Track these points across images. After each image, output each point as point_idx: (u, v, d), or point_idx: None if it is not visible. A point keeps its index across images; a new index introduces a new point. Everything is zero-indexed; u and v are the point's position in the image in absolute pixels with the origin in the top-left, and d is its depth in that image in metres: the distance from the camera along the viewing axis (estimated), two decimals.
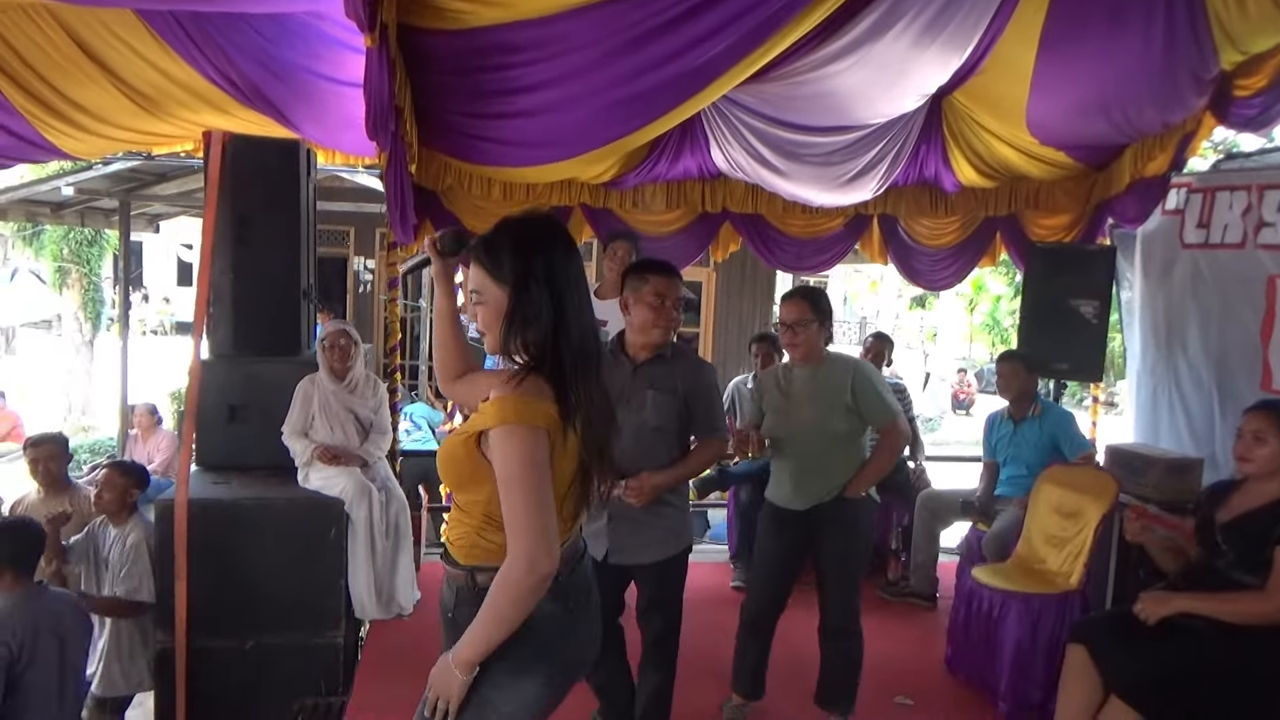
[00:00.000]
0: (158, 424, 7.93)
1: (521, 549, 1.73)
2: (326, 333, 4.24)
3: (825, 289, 3.70)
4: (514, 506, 1.74)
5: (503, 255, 1.83)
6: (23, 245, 12.50)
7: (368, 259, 11.77)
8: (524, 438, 1.74)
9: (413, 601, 4.31)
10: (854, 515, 3.28)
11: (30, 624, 3.03)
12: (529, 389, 1.78)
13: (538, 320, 1.81)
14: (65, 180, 8.34)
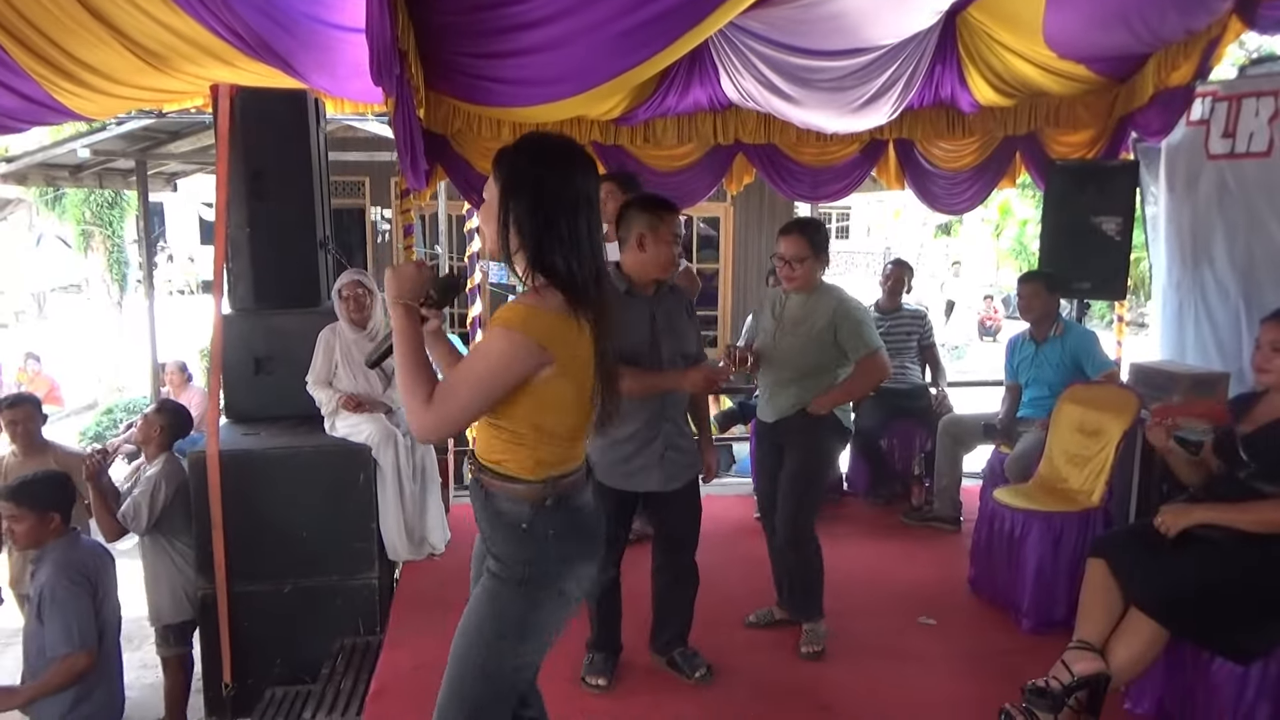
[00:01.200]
0: (188, 381, 8.06)
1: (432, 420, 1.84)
2: (341, 283, 4.26)
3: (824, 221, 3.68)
4: (456, 390, 1.85)
5: (504, 160, 1.92)
6: (46, 210, 12.61)
7: (384, 208, 11.76)
8: (510, 342, 1.83)
9: (444, 542, 4.41)
10: (814, 433, 3.36)
11: (91, 560, 3.21)
12: (541, 301, 1.87)
13: (521, 228, 1.88)
14: (81, 142, 8.37)
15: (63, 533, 3.21)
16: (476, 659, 1.99)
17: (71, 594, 3.11)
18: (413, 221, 5.78)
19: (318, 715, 3.28)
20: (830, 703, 3.07)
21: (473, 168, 5.51)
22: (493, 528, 2.00)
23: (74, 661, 3.09)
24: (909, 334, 5.29)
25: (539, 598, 1.97)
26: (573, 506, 2.01)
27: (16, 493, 3.19)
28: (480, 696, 2.00)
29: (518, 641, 1.98)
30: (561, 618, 2.02)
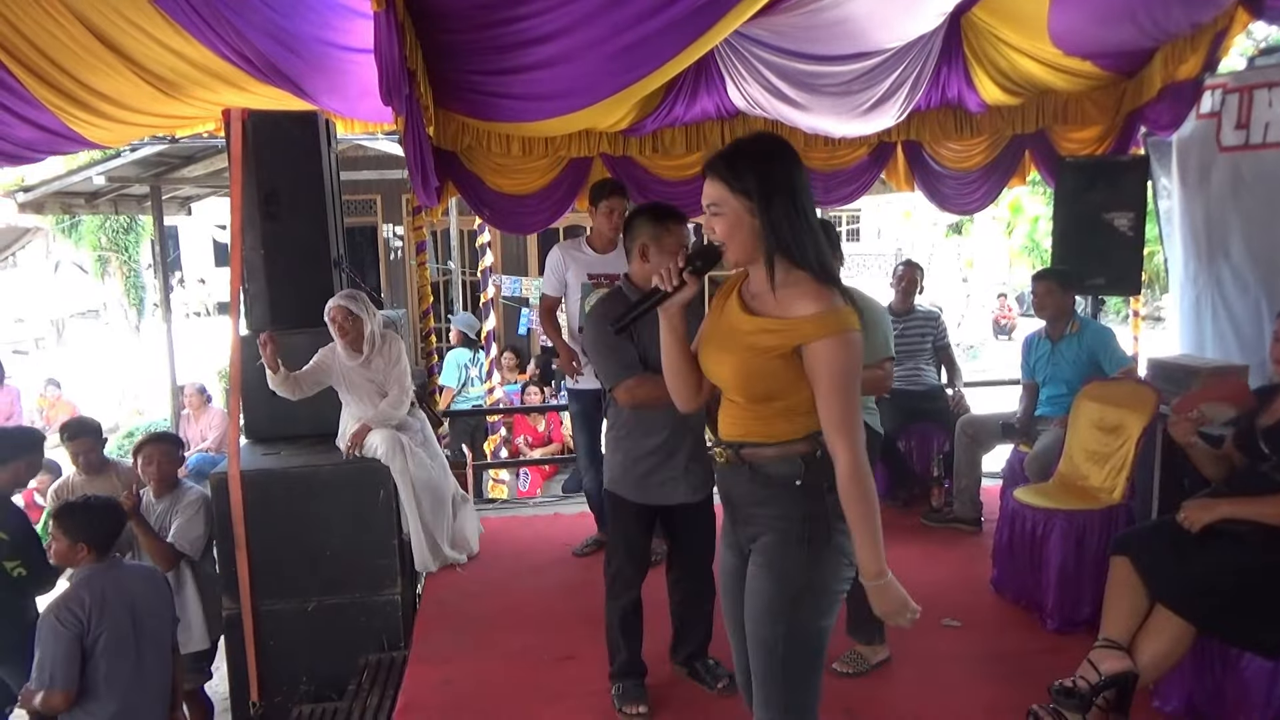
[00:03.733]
0: (208, 402, 8.14)
1: (851, 449, 1.91)
2: (329, 306, 4.18)
3: (835, 222, 3.65)
4: (839, 411, 1.92)
5: (742, 166, 1.95)
6: (62, 237, 12.77)
7: (396, 225, 11.83)
8: (850, 344, 1.92)
9: (465, 554, 4.42)
10: None
11: (99, 597, 3.16)
12: (836, 299, 1.93)
13: (790, 225, 1.94)
14: (96, 170, 8.47)
15: (91, 562, 3.21)
16: (777, 632, 2.02)
17: (54, 634, 3.08)
18: (425, 238, 5.83)
19: None
20: (855, 708, 3.06)
21: (483, 183, 5.55)
22: (766, 498, 2.05)
23: (47, 696, 3.08)
24: (923, 335, 5.28)
25: (822, 554, 2.01)
26: (830, 462, 2.00)
27: (58, 515, 3.23)
28: (798, 666, 2.04)
29: (811, 603, 2.02)
30: (846, 576, 2.05)
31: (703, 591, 3.18)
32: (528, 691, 3.22)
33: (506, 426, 7.70)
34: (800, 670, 2.06)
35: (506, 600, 3.96)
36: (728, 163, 1.97)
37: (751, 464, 2.07)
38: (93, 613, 3.12)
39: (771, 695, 2.06)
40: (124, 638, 3.18)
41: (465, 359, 7.99)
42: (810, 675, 2.08)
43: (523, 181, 5.68)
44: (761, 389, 2.02)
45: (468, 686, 3.25)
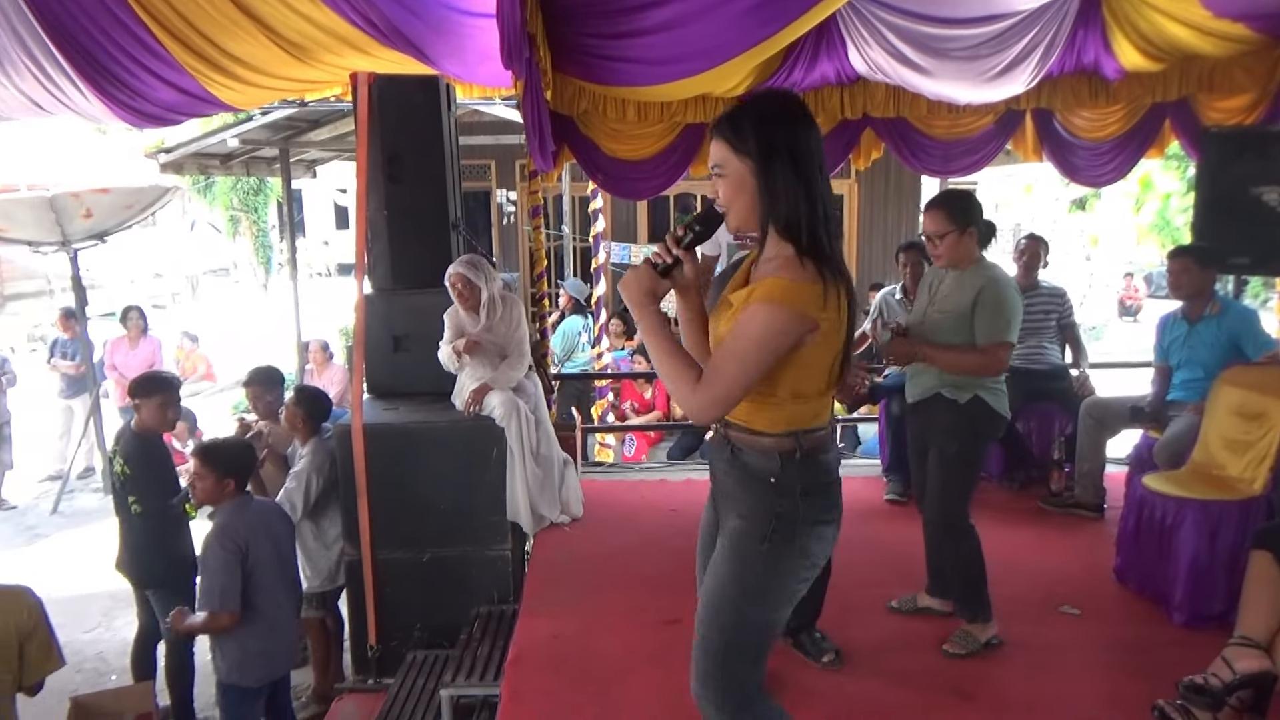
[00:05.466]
0: (330, 359, 8.48)
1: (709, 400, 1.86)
2: (448, 273, 4.29)
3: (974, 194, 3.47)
4: (723, 369, 1.85)
5: (746, 127, 1.86)
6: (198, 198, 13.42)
7: (509, 191, 12.01)
8: (775, 318, 1.82)
9: (570, 515, 4.50)
10: (956, 417, 3.19)
11: (248, 527, 3.41)
12: (799, 273, 1.84)
13: (786, 193, 1.85)
14: (230, 132, 8.86)
15: (235, 497, 3.44)
16: (723, 618, 2.01)
17: (221, 559, 3.33)
18: (540, 203, 5.88)
19: (457, 679, 3.40)
20: (972, 692, 2.98)
21: (598, 148, 5.56)
22: (739, 485, 2.01)
23: (216, 619, 3.33)
24: (1047, 313, 5.07)
25: (783, 553, 1.97)
26: (819, 462, 1.98)
27: (204, 453, 3.44)
28: (731, 654, 2.02)
29: (762, 597, 1.99)
30: (804, 577, 2.02)
31: None
32: (634, 652, 3.26)
33: (614, 392, 7.78)
34: (741, 656, 2.03)
35: (613, 562, 4.02)
36: (732, 122, 1.89)
37: (734, 447, 2.02)
38: (249, 541, 3.36)
39: (710, 672, 2.04)
40: (270, 564, 3.45)
41: (578, 327, 8.09)
42: (750, 664, 2.05)
43: (637, 147, 5.67)
44: None
45: (576, 643, 3.32)
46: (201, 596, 3.37)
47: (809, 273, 1.84)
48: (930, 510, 3.29)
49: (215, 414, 9.82)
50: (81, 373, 8.17)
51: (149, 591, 4.17)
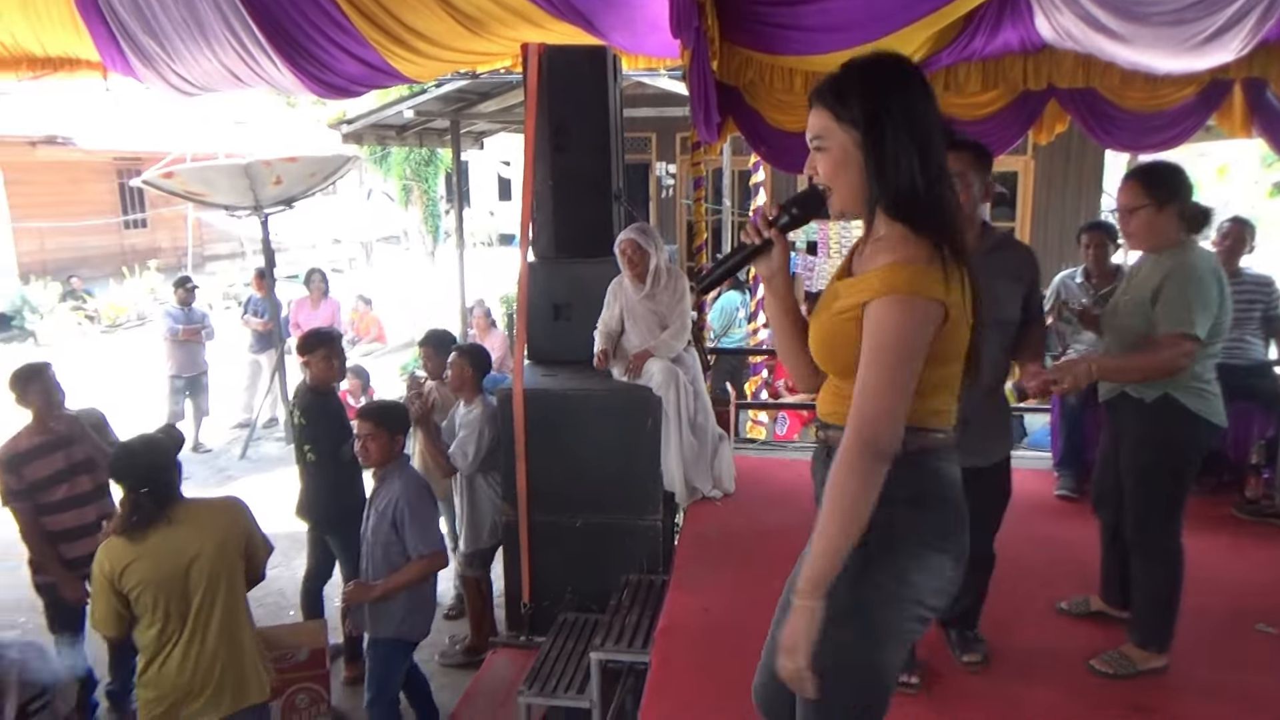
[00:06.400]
0: (491, 325, 8.77)
1: (867, 423, 1.59)
2: (619, 239, 4.35)
3: (1181, 168, 3.12)
4: (870, 379, 1.60)
5: (852, 92, 1.65)
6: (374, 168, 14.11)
7: (669, 164, 12.03)
8: (908, 309, 1.59)
9: (723, 490, 4.48)
10: (1149, 420, 2.86)
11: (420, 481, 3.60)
12: (914, 253, 1.62)
13: (897, 166, 1.62)
14: (406, 104, 9.24)
15: (400, 454, 3.62)
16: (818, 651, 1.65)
17: (424, 503, 3.53)
18: (701, 175, 5.85)
19: (606, 643, 3.46)
20: (1153, 706, 2.77)
21: (763, 119, 5.46)
22: None
23: (433, 560, 3.50)
24: (1251, 303, 4.63)
25: (874, 574, 1.68)
26: (932, 470, 1.71)
27: (377, 413, 3.63)
28: (838, 697, 1.71)
29: (860, 624, 1.68)
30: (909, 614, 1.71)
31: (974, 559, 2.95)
32: None
33: (769, 369, 7.70)
34: (842, 704, 1.71)
35: (765, 539, 3.97)
36: (835, 87, 1.67)
37: (830, 448, 1.75)
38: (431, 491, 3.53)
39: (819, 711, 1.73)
40: None
41: (736, 302, 8.04)
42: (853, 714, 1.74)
43: (803, 118, 5.48)
44: (838, 360, 1.71)
45: (725, 617, 3.30)
46: (416, 544, 3.50)
47: (925, 252, 1.62)
48: (1132, 526, 2.98)
49: (385, 374, 10.35)
50: (269, 329, 8.78)
51: (327, 535, 4.45)
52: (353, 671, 4.57)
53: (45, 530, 3.95)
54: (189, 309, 8.54)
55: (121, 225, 19.31)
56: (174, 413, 8.36)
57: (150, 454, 2.97)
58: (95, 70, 5.92)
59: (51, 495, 3.93)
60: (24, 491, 3.88)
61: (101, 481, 4.06)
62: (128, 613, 2.93)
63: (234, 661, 3.04)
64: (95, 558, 2.94)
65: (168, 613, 2.93)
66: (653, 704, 2.82)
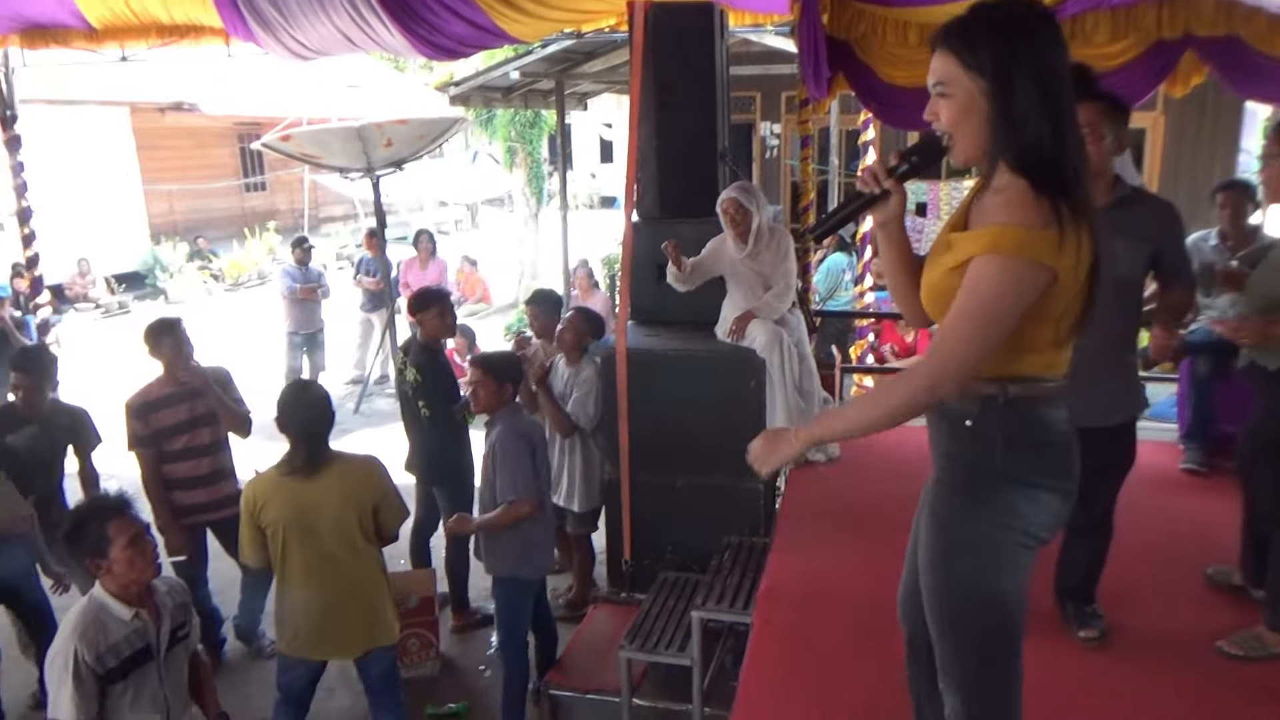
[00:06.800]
0: (594, 286, 8.82)
1: (938, 368, 1.63)
2: (722, 198, 4.28)
3: None
4: (955, 330, 1.62)
5: (980, 36, 1.60)
6: (479, 130, 14.27)
7: (773, 124, 11.82)
8: (1009, 271, 1.57)
9: (827, 455, 4.42)
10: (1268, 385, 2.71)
11: (529, 429, 3.68)
12: (1031, 215, 1.57)
13: (1025, 118, 1.59)
14: (512, 65, 9.30)
15: (510, 402, 3.69)
16: (939, 583, 1.80)
17: (516, 451, 3.60)
18: (809, 134, 5.71)
19: (707, 603, 3.47)
20: None
21: (875, 74, 5.29)
22: (938, 433, 1.82)
23: (519, 506, 3.57)
24: None
25: (980, 510, 1.74)
26: (1035, 416, 1.72)
27: (484, 363, 3.72)
28: (966, 626, 1.79)
29: (972, 556, 1.75)
30: (1019, 543, 1.74)
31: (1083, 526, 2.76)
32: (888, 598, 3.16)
33: (875, 333, 7.53)
34: (970, 631, 1.78)
35: (869, 504, 3.91)
36: (962, 30, 1.61)
37: None
38: (535, 441, 3.63)
39: (945, 656, 1.83)
40: (542, 468, 3.69)
41: (843, 264, 7.88)
42: (986, 640, 1.78)
43: (917, 73, 5.32)
44: (944, 311, 1.69)
45: (828, 581, 3.27)
46: (502, 490, 3.60)
47: (1043, 214, 1.57)
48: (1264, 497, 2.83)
49: (490, 334, 10.55)
50: (380, 288, 9.04)
51: (434, 488, 4.59)
52: (459, 620, 4.72)
53: (163, 477, 4.18)
54: (305, 268, 8.88)
55: (242, 188, 20.15)
56: (292, 368, 8.72)
57: (312, 403, 3.20)
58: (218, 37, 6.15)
59: (173, 444, 4.16)
60: (148, 438, 4.11)
61: (219, 436, 4.28)
62: (265, 547, 3.15)
63: (361, 607, 3.22)
64: (244, 489, 3.18)
65: (298, 554, 3.11)
66: (754, 665, 2.83)
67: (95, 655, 2.49)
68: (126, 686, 2.56)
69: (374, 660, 3.33)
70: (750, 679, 2.76)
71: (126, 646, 2.56)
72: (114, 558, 2.52)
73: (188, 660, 2.83)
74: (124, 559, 2.52)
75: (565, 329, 4.57)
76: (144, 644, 2.61)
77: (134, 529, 2.58)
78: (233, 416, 4.24)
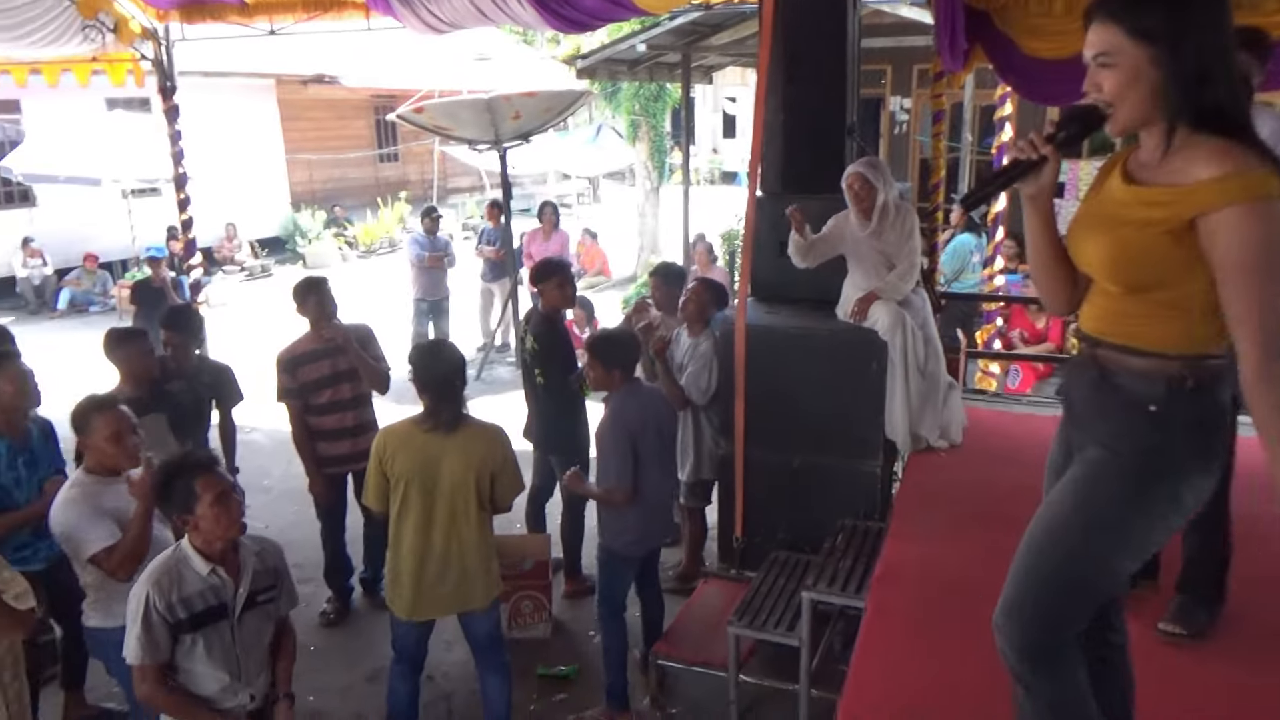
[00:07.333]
0: (713, 261, 8.78)
1: (1259, 347, 1.56)
2: (847, 172, 4.15)
3: None
4: (1246, 298, 1.56)
5: (1144, 4, 1.60)
6: (603, 104, 14.35)
7: (904, 98, 11.45)
8: (1269, 215, 1.54)
9: (949, 441, 4.29)
10: None
11: (639, 412, 3.69)
12: (1248, 160, 1.55)
13: (1204, 79, 1.58)
14: (639, 38, 9.29)
15: (624, 383, 3.71)
16: (1061, 549, 1.79)
17: (614, 442, 3.63)
18: (944, 108, 5.52)
19: (819, 584, 3.43)
20: None
21: (1015, 46, 5.06)
22: (1106, 413, 1.77)
23: (613, 494, 3.63)
24: None
25: (1151, 495, 1.71)
26: (1214, 399, 1.70)
27: (594, 346, 3.78)
28: (1054, 585, 1.80)
29: (1113, 538, 1.74)
30: (1168, 527, 1.77)
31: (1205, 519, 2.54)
32: None
33: (1003, 318, 7.24)
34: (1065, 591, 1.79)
35: (991, 494, 3.77)
36: None
37: (1103, 368, 1.75)
38: (639, 428, 3.65)
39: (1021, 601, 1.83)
40: (653, 449, 3.72)
41: (970, 245, 7.60)
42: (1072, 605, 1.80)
43: (1062, 44, 5.06)
44: (1139, 275, 1.66)
45: (947, 571, 3.17)
46: (600, 475, 3.69)
47: (1254, 157, 1.55)
48: None
49: (608, 307, 10.66)
50: (501, 258, 9.24)
51: (551, 456, 4.69)
52: (570, 586, 4.82)
53: (310, 429, 4.41)
54: (434, 237, 9.15)
55: (376, 159, 20.86)
56: (418, 333, 9.02)
57: (449, 360, 3.28)
58: (359, 11, 6.38)
59: (318, 398, 4.39)
60: (295, 390, 4.36)
61: (361, 392, 4.48)
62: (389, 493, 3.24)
63: (462, 569, 3.30)
64: (377, 437, 3.30)
65: (416, 509, 3.21)
66: (867, 649, 2.78)
67: (166, 603, 2.52)
68: (196, 639, 2.58)
69: (476, 620, 3.43)
70: (862, 663, 2.72)
71: (200, 601, 2.58)
72: (200, 513, 2.54)
73: (270, 626, 2.82)
74: (210, 515, 2.55)
75: (689, 299, 4.58)
76: (219, 601, 2.62)
77: (220, 486, 2.59)
78: (373, 373, 4.45)
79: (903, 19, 8.74)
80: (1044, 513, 1.86)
